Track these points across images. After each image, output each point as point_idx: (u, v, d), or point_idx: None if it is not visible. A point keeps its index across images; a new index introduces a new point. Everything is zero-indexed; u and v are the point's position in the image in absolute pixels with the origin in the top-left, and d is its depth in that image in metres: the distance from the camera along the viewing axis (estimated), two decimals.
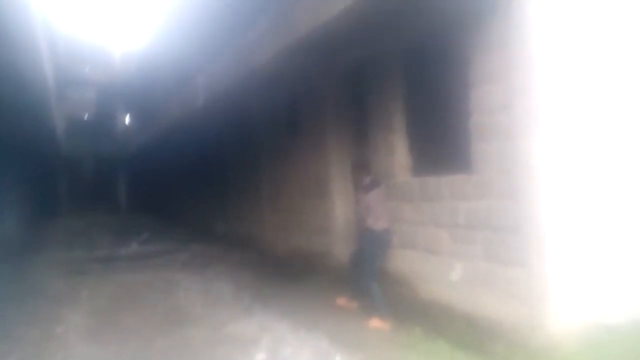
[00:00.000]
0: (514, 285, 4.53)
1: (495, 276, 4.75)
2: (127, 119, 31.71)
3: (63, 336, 6.13)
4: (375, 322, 5.84)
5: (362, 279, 6.10)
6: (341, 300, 6.64)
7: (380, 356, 4.89)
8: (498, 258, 4.71)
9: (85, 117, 31.48)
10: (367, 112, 6.91)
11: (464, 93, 5.12)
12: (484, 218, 4.86)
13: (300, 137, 9.11)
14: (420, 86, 5.98)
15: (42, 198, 22.25)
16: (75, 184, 29.70)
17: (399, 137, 6.24)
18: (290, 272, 8.71)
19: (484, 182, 4.84)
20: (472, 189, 4.99)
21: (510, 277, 4.56)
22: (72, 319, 6.89)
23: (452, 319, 5.22)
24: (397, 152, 6.25)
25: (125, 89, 27.42)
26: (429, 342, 5.14)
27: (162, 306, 7.36)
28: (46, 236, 17.19)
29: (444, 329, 5.25)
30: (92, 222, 21.88)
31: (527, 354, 4.31)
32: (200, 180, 17.41)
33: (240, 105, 11.61)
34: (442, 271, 5.42)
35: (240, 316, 6.57)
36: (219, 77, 11.34)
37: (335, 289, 6.94)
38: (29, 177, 17.65)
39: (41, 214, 20.93)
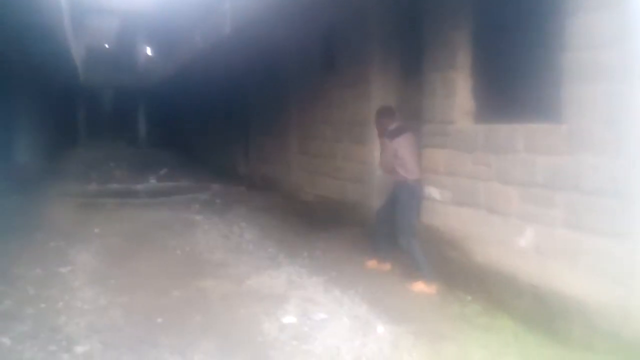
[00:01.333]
0: (605, 259, 3.70)
1: (579, 246, 3.91)
2: (150, 50, 30.65)
3: (68, 278, 5.51)
4: (419, 286, 5.13)
5: (399, 236, 5.36)
6: (371, 263, 5.89)
7: (431, 329, 4.16)
8: (585, 225, 3.86)
9: (107, 46, 30.52)
10: (421, 44, 5.91)
11: (556, 22, 4.13)
12: (571, 177, 3.96)
13: (336, 73, 8.13)
14: (494, 13, 4.97)
15: (60, 128, 21.70)
16: (95, 115, 29.12)
17: (462, 76, 5.25)
18: (319, 220, 7.98)
19: (577, 134, 3.91)
20: (559, 141, 4.07)
21: (601, 250, 3.72)
22: (80, 258, 6.28)
23: (516, 291, 4.43)
24: (457, 93, 5.28)
25: (149, 17, 26.26)
26: (487, 316, 4.40)
27: (179, 251, 6.72)
28: (62, 167, 16.70)
29: (505, 301, 4.49)
30: (110, 155, 21.36)
31: (616, 342, 3.53)
32: (224, 117, 16.58)
33: (268, 36, 10.56)
34: (507, 235, 4.59)
35: (265, 268, 5.89)
36: (246, 3, 10.30)
37: (371, 243, 6.19)
38: (47, 106, 16.99)
39: (58, 144, 20.42)
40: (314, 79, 9.06)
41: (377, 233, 5.87)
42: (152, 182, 14.20)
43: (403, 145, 5.40)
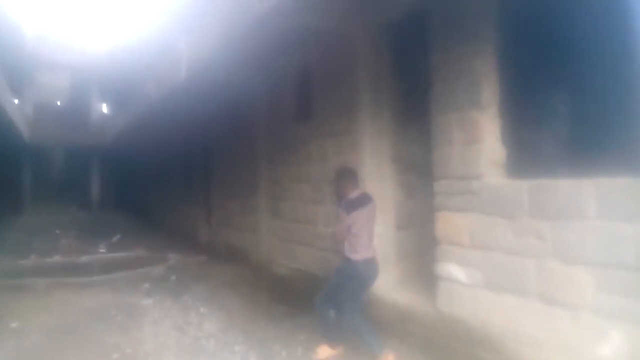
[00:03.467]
0: None
1: None
2: (103, 107, 29.13)
3: None
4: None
5: (344, 313, 4.52)
6: None
7: None
8: None
9: (57, 103, 28.89)
10: (425, 79, 4.67)
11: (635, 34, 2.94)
12: None
13: (315, 122, 6.84)
14: (531, 28, 3.78)
15: (2, 192, 19.73)
16: (43, 177, 26.99)
17: (487, 115, 4.00)
18: (298, 301, 6.45)
19: None
20: None
21: None
22: None
23: None
24: (483, 138, 4.02)
25: (101, 74, 24.98)
26: None
27: (117, 354, 5.08)
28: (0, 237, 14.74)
29: None
30: (58, 221, 19.37)
31: None
32: (183, 177, 15.08)
33: (232, 86, 9.34)
34: (578, 337, 3.22)
35: None
36: (205, 48, 9.09)
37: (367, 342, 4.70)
38: None
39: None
40: (287, 130, 7.74)
41: (359, 331, 4.53)
42: (102, 252, 12.46)
43: (361, 221, 4.38)
